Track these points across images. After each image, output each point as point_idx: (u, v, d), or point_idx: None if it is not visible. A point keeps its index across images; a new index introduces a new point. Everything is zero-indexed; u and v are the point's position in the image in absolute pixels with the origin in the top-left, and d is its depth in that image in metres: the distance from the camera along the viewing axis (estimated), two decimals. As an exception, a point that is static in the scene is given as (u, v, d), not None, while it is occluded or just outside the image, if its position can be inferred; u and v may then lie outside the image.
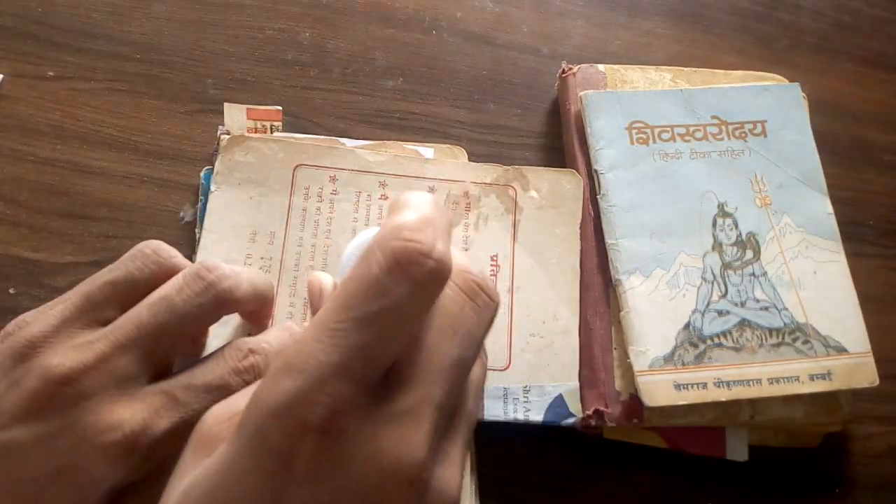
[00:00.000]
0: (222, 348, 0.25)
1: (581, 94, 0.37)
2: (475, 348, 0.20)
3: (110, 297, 0.24)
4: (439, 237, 0.18)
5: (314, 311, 0.24)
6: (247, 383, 0.24)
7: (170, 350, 0.24)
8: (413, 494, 0.17)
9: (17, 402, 0.22)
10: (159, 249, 0.25)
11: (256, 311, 0.29)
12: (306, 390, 0.16)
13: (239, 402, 0.19)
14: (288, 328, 0.26)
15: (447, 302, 0.19)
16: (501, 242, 0.35)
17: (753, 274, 0.34)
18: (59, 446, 0.21)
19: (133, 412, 0.22)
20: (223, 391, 0.23)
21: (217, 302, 0.24)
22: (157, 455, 0.22)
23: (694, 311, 0.33)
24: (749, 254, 0.35)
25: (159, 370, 0.24)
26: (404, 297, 0.17)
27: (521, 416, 0.32)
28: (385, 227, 0.19)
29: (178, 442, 0.21)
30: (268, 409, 0.16)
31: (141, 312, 0.23)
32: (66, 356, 0.22)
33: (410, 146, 0.37)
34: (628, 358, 0.32)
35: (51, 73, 0.37)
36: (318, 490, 0.16)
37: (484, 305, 0.20)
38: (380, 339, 0.17)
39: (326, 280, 0.25)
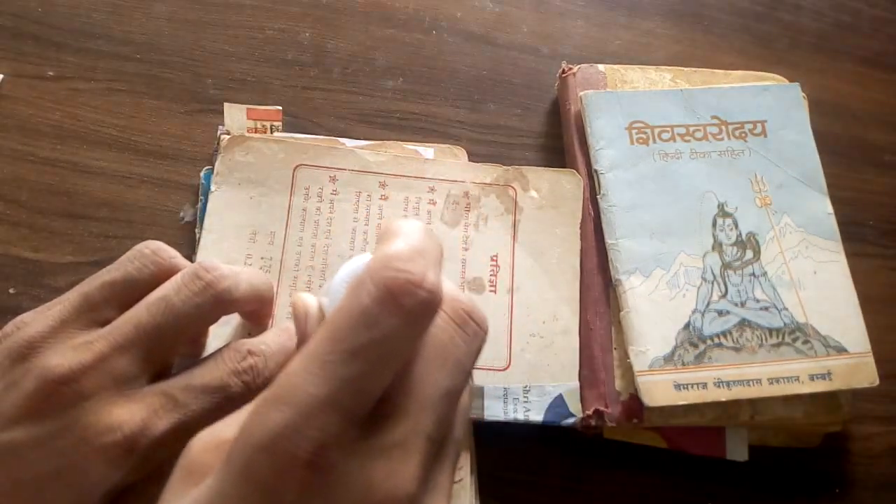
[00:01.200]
0: (221, 350, 0.25)
1: (581, 94, 0.37)
2: (464, 376, 0.20)
3: (109, 298, 0.24)
4: (430, 267, 0.18)
5: (299, 336, 0.24)
6: (245, 384, 0.24)
7: (169, 350, 0.24)
8: None
9: (16, 404, 0.22)
10: (158, 250, 0.25)
11: (256, 312, 0.29)
12: (295, 423, 0.16)
13: (227, 429, 0.19)
14: (287, 329, 0.26)
15: (437, 332, 0.19)
16: (501, 242, 0.35)
17: (753, 274, 0.34)
18: (58, 447, 0.21)
19: (132, 413, 0.22)
20: (222, 392, 0.23)
21: (216, 302, 0.24)
22: (156, 456, 0.22)
23: (694, 311, 0.33)
24: (749, 254, 0.35)
25: (158, 370, 0.24)
26: (395, 329, 0.17)
27: (521, 416, 0.32)
28: (376, 256, 0.18)
29: (178, 443, 0.21)
30: (256, 442, 0.16)
31: (139, 313, 0.23)
32: (65, 357, 0.22)
33: (410, 146, 0.37)
34: (628, 358, 0.32)
35: (51, 73, 0.37)
36: None
37: (473, 334, 0.20)
38: (370, 371, 0.17)
39: (311, 302, 0.24)
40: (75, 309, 0.23)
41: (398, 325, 0.17)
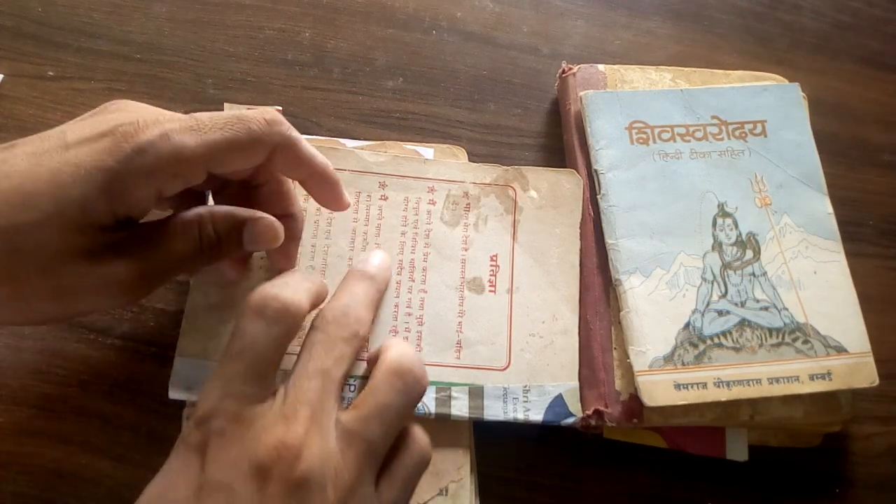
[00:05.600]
0: None
1: (581, 94, 0.37)
2: (396, 423, 0.26)
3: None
4: (291, 290, 0.25)
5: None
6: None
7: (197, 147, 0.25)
8: (288, 458, 0.23)
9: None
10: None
11: (282, 248, 0.29)
12: (208, 409, 0.24)
13: None
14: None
15: (379, 384, 0.26)
16: (501, 242, 0.35)
17: (753, 274, 0.34)
18: (85, 124, 0.25)
19: (148, 119, 0.24)
20: (238, 122, 0.26)
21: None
22: (139, 192, 0.24)
23: (694, 311, 0.33)
24: (749, 254, 0.35)
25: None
26: (260, 333, 0.24)
27: (521, 416, 0.32)
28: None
29: (162, 181, 0.24)
30: (191, 421, 0.24)
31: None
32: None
33: (410, 146, 0.37)
34: (628, 358, 0.32)
35: (51, 73, 0.37)
36: (220, 460, 0.23)
37: (410, 385, 0.26)
38: (249, 367, 0.24)
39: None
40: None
41: (262, 329, 0.25)
